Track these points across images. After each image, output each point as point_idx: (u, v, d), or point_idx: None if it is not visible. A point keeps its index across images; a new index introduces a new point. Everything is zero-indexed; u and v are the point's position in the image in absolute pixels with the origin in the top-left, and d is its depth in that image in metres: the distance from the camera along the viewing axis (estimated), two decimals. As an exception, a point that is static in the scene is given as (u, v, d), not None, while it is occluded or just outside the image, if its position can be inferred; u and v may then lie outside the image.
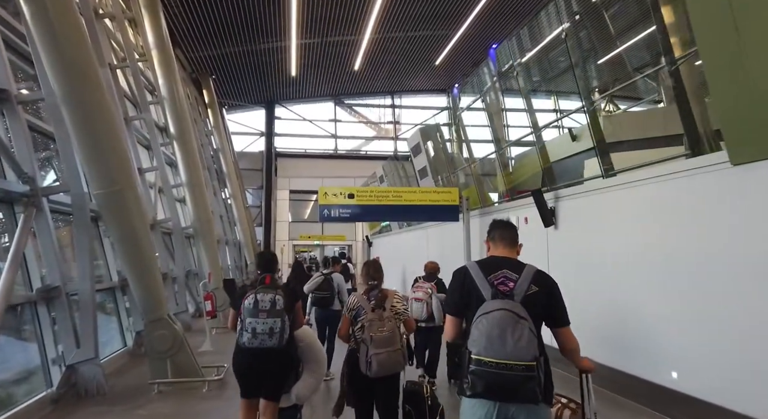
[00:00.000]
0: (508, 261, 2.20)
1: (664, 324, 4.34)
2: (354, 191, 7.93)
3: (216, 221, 16.12)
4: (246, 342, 3.07)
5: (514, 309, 1.96)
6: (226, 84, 21.65)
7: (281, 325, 3.08)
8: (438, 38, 19.45)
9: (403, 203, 7.99)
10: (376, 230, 20.62)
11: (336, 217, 7.89)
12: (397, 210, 8.01)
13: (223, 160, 19.46)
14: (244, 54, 18.66)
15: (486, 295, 2.03)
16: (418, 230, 12.51)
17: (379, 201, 7.96)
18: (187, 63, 18.48)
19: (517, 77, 7.95)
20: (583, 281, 5.42)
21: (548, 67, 9.26)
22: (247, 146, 25.52)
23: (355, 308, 3.16)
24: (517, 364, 1.88)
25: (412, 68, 22.76)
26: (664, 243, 4.37)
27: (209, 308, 7.16)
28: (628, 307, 4.78)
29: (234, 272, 18.01)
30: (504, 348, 1.89)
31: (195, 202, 9.45)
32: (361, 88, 25.26)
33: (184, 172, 9.56)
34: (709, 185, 3.89)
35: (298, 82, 22.95)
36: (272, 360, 3.11)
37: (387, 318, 3.08)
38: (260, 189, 25.00)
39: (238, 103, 24.39)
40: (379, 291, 3.22)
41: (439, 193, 8.15)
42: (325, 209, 7.87)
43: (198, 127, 17.75)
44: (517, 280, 2.07)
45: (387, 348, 3.01)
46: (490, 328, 1.93)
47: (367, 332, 3.03)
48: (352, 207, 7.89)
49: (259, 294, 3.11)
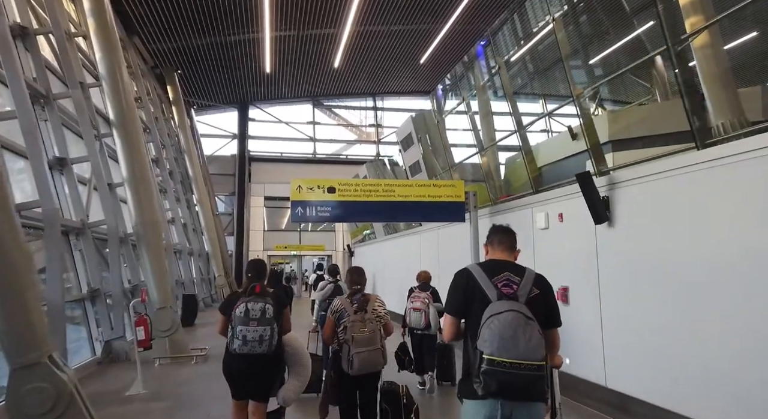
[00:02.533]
0: (510, 264, 2.24)
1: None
2: (336, 184, 6.35)
3: (177, 229, 14.24)
4: (237, 348, 3.20)
5: (522, 311, 2.00)
6: (194, 81, 19.89)
7: (270, 332, 3.21)
8: (423, 33, 18.20)
9: (397, 199, 6.45)
10: (358, 239, 18.94)
11: (312, 217, 6.29)
12: (389, 208, 6.44)
13: (189, 162, 17.59)
14: (213, 47, 16.97)
15: (492, 296, 2.07)
16: (410, 236, 10.95)
17: (366, 197, 6.39)
18: (149, 55, 16.69)
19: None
20: (653, 299, 3.96)
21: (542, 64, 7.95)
22: (218, 150, 23.69)
23: (339, 310, 3.30)
24: (530, 364, 1.92)
25: (395, 67, 21.49)
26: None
27: (142, 337, 5.43)
28: (732, 342, 3.30)
29: (200, 286, 16.06)
30: (517, 348, 1.93)
31: (139, 203, 7.69)
32: (341, 88, 23.88)
33: (126, 167, 7.79)
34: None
35: (274, 81, 21.43)
36: (261, 365, 3.26)
37: (368, 320, 3.24)
38: (232, 196, 23.12)
39: (209, 103, 22.61)
40: (361, 295, 3.37)
41: (441, 187, 6.62)
42: (299, 207, 6.25)
43: (160, 125, 15.93)
44: (519, 282, 2.12)
45: (368, 347, 3.17)
46: (502, 329, 1.95)
47: (349, 332, 3.18)
48: (332, 205, 6.31)
49: (250, 303, 3.23)
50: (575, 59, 6.60)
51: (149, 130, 13.80)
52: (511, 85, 7.29)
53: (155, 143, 13.93)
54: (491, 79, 8.00)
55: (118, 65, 8.09)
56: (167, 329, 7.32)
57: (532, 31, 6.94)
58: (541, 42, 6.98)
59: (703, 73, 4.24)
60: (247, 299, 3.22)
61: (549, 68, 7.50)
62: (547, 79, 8.10)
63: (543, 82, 8.16)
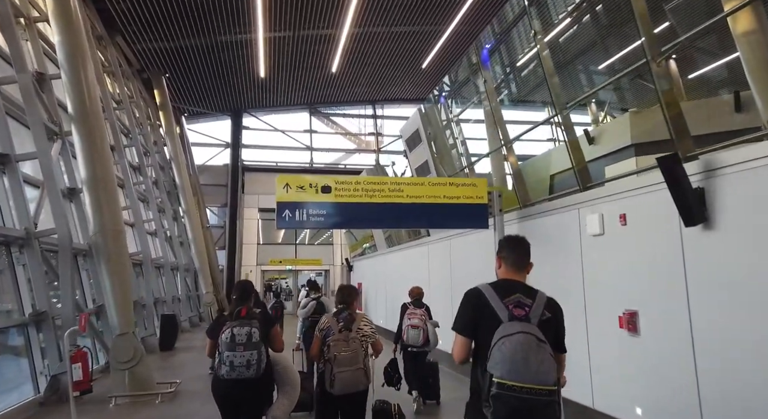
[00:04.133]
0: (521, 285, 2.12)
1: None
2: (331, 183, 5.18)
3: (160, 242, 13.01)
4: (225, 373, 3.15)
5: (534, 333, 1.92)
6: (185, 87, 18.87)
7: (258, 356, 3.16)
8: (426, 36, 17.27)
9: (405, 201, 5.27)
10: (358, 252, 17.71)
11: (303, 222, 5.10)
12: (396, 212, 5.25)
13: (177, 171, 16.45)
14: (204, 49, 15.96)
15: (503, 317, 1.99)
16: (415, 248, 9.75)
17: (369, 198, 5.20)
18: (134, 57, 15.66)
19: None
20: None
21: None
22: (210, 159, 22.56)
23: (325, 328, 3.30)
24: (541, 389, 1.84)
25: (396, 72, 20.55)
26: None
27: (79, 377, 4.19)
28: None
29: (186, 304, 14.77)
30: (528, 371, 1.85)
31: (98, 208, 6.48)
32: (339, 95, 22.92)
33: (85, 167, 6.59)
34: None
35: (269, 87, 20.44)
36: (251, 390, 3.21)
37: (352, 339, 3.21)
38: (225, 207, 21.92)
39: (201, 110, 21.58)
40: (348, 314, 3.34)
41: (459, 186, 5.43)
42: (287, 210, 5.07)
43: (145, 131, 14.84)
44: (531, 305, 2.03)
45: (349, 367, 3.15)
46: (513, 351, 1.87)
47: (332, 351, 3.17)
48: (327, 207, 5.12)
49: (236, 328, 3.17)
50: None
51: (130, 134, 12.69)
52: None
53: (137, 148, 12.79)
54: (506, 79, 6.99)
55: (80, 52, 6.98)
56: (127, 360, 6.03)
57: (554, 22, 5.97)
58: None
59: (749, 65, 3.71)
60: (233, 324, 3.18)
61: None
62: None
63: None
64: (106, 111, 9.87)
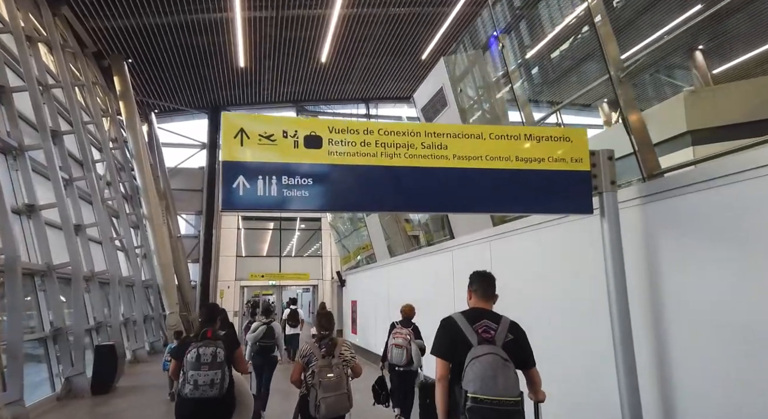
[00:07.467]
0: (487, 313, 2.51)
1: None
2: (323, 130, 2.92)
3: (108, 252, 10.51)
4: (188, 392, 3.26)
5: (499, 353, 2.29)
6: (154, 78, 16.55)
7: (221, 376, 3.30)
8: (427, 20, 15.22)
9: (453, 164, 3.03)
10: (352, 264, 15.31)
11: (269, 198, 2.78)
12: (436, 186, 2.98)
13: (138, 170, 14.02)
14: (173, 30, 13.68)
15: (473, 341, 2.35)
16: (430, 256, 7.45)
17: (389, 160, 2.95)
18: (88, 36, 13.32)
19: None
20: None
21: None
22: (184, 161, 20.15)
23: (307, 355, 3.35)
24: (508, 400, 2.21)
25: (392, 66, 18.47)
26: None
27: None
28: None
29: (143, 329, 12.20)
30: (496, 386, 2.21)
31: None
32: (329, 92, 20.80)
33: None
34: None
35: (250, 81, 18.23)
36: (213, 408, 3.32)
37: (335, 365, 3.28)
38: (200, 215, 19.45)
39: (174, 106, 19.21)
40: (329, 340, 3.41)
41: (542, 141, 3.19)
42: (240, 177, 2.74)
43: (97, 120, 12.45)
44: (496, 329, 2.41)
45: (334, 392, 3.20)
46: (483, 370, 2.23)
47: (317, 377, 3.22)
48: (315, 174, 2.85)
49: (201, 349, 3.28)
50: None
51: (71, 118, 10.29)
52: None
53: (78, 137, 10.36)
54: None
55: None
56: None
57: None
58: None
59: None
60: (198, 345, 3.30)
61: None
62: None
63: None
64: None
